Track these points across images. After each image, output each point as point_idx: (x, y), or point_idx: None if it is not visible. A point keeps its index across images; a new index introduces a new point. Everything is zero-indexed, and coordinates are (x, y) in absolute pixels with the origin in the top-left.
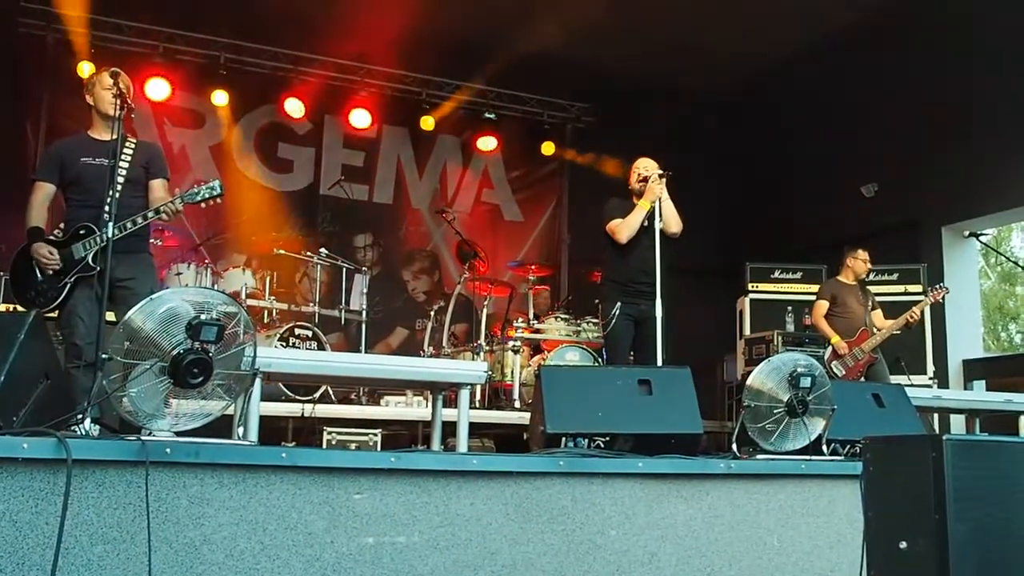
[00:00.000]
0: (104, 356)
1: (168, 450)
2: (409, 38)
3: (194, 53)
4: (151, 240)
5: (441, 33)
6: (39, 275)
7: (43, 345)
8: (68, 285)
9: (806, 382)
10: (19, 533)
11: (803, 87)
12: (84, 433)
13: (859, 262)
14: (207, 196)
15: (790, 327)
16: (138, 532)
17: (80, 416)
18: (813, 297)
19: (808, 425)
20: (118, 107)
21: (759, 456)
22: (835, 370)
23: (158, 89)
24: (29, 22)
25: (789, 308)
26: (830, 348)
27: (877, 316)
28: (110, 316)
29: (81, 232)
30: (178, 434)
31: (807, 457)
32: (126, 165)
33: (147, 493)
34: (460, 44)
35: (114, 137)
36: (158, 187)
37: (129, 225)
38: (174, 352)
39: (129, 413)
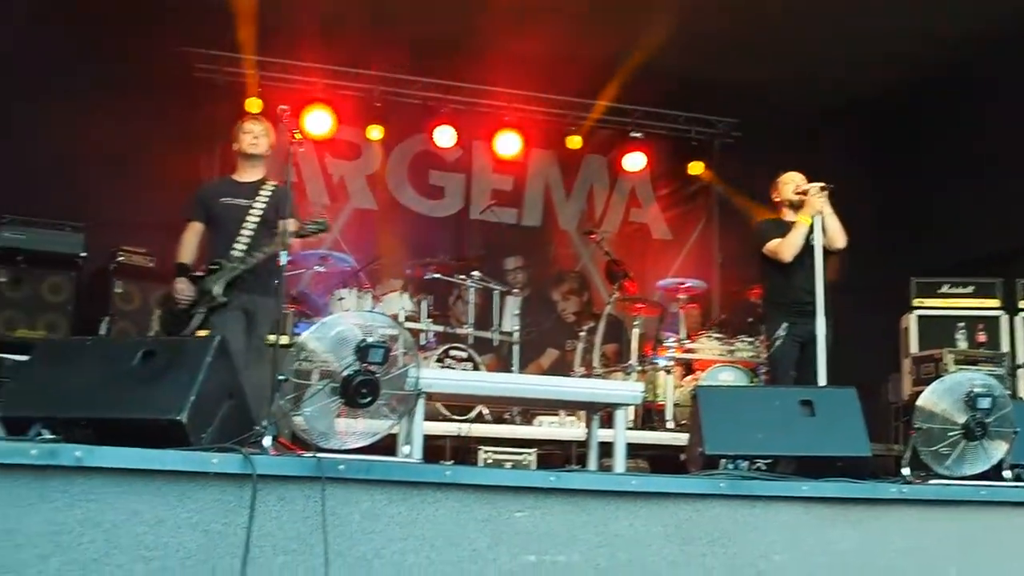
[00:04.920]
0: (280, 377)
1: (342, 467)
2: (554, 60)
3: (351, 88)
4: (317, 267)
5: (586, 54)
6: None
7: (226, 366)
8: (201, 315)
9: (984, 403)
10: (210, 542)
11: (971, 79)
12: (264, 450)
13: None
14: (314, 230)
15: (961, 345)
16: (316, 545)
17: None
18: (986, 313)
19: (988, 449)
20: (292, 142)
21: (932, 481)
22: None
23: (320, 123)
24: (204, 67)
25: (960, 324)
26: None
27: None
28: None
29: (213, 267)
30: (347, 452)
31: (987, 483)
32: (262, 207)
33: (323, 508)
34: (604, 64)
35: (272, 183)
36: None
37: (251, 261)
38: (344, 373)
39: (303, 432)
